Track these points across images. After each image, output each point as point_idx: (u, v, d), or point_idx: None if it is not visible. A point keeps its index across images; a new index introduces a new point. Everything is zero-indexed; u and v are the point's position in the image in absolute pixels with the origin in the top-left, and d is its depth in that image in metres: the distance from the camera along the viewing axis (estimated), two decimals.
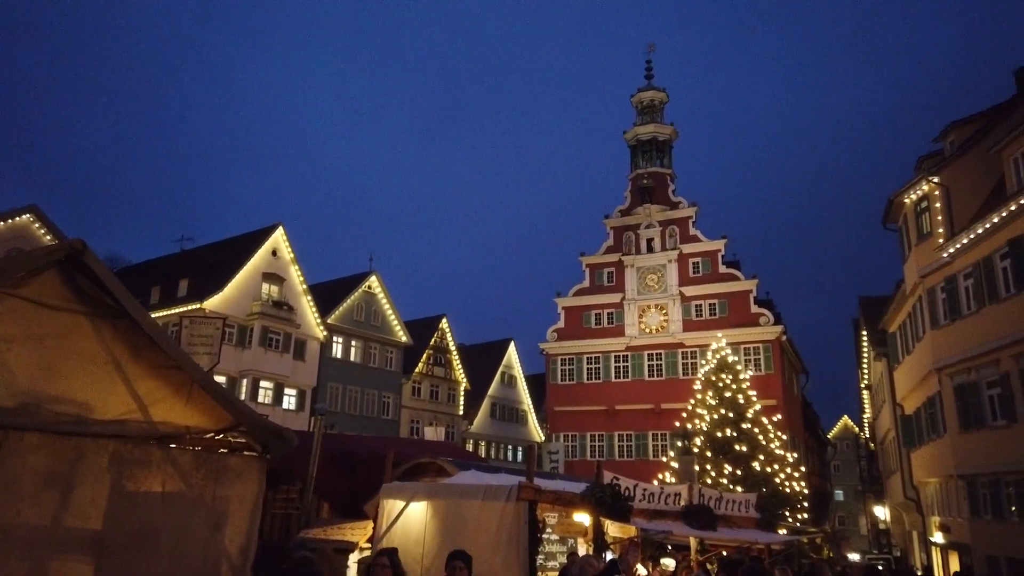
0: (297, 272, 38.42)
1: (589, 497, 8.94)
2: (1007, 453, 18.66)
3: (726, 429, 24.67)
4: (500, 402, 51.49)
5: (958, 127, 24.13)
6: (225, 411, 4.29)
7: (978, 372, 20.13)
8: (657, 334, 37.95)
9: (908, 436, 27.08)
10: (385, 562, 4.86)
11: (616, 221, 40.95)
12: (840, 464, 71.93)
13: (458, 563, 5.09)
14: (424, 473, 10.81)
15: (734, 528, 11.35)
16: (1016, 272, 18.36)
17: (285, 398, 36.87)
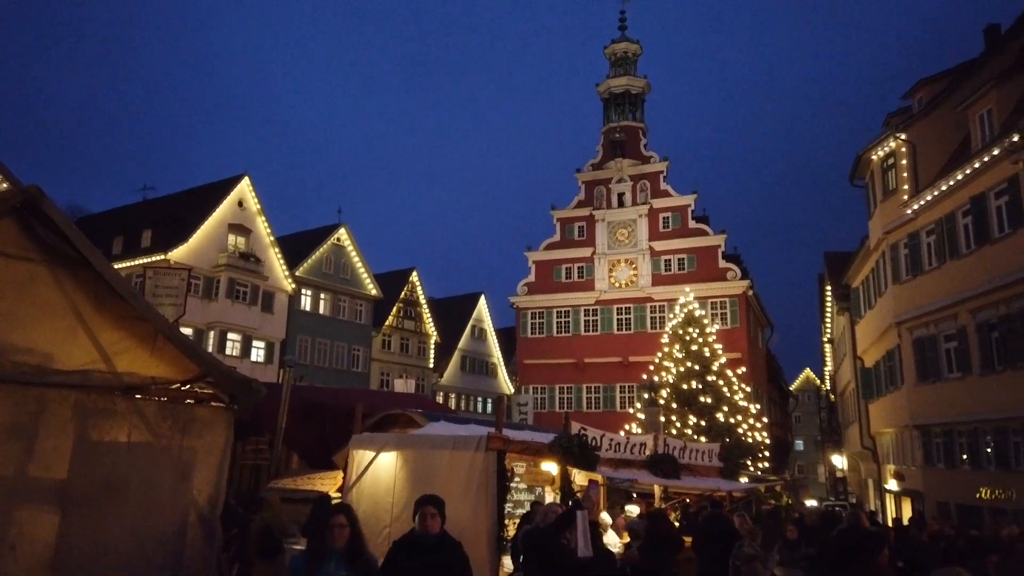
0: (264, 223, 37.84)
1: (557, 447, 9.10)
2: (961, 404, 19.33)
3: (692, 381, 25.12)
4: (470, 355, 51.78)
5: (927, 84, 24.29)
6: (191, 362, 4.26)
7: (937, 326, 20.68)
8: (627, 288, 38.24)
9: (867, 388, 27.89)
10: (343, 521, 4.30)
11: (587, 175, 40.83)
12: (801, 415, 73.93)
13: (429, 509, 4.60)
14: (394, 425, 10.88)
15: (697, 476, 11.67)
16: (977, 229, 18.75)
17: (253, 350, 36.66)
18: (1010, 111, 18.46)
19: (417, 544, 4.46)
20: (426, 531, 4.48)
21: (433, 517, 4.50)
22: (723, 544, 9.05)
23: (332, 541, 4.21)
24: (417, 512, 4.59)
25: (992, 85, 19.13)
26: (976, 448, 18.90)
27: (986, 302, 18.44)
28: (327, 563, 4.18)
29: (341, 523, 4.30)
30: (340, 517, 4.34)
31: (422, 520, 4.51)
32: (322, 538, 4.27)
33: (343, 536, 4.26)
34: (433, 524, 4.49)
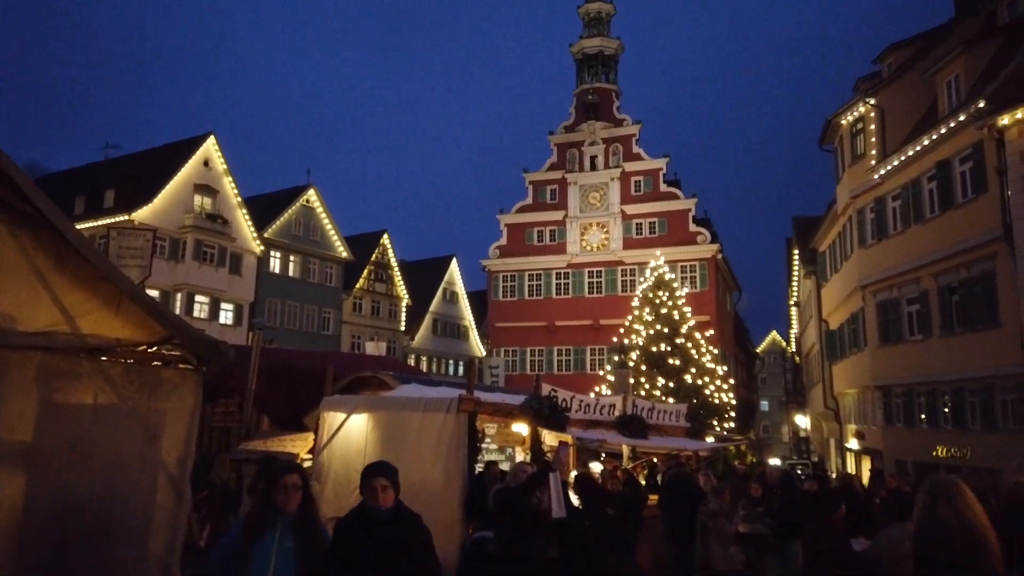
0: (231, 184, 37.15)
1: (528, 408, 9.19)
2: (921, 366, 19.86)
3: (661, 344, 25.46)
4: (442, 318, 51.79)
5: (896, 49, 24.42)
6: (157, 324, 4.20)
7: (900, 289, 21.12)
8: (598, 252, 38.39)
9: (831, 350, 28.50)
10: (298, 481, 3.60)
11: (560, 137, 40.61)
12: (767, 376, 75.49)
13: (379, 481, 3.75)
14: (365, 387, 10.89)
15: (665, 436, 11.87)
16: (942, 194, 19.07)
17: (222, 313, 36.28)
18: (977, 77, 18.66)
19: (368, 520, 3.71)
20: (377, 506, 3.70)
21: (385, 490, 3.70)
22: (688, 502, 9.27)
23: (281, 505, 3.56)
24: (365, 484, 3.77)
25: (960, 51, 19.29)
26: (934, 408, 19.48)
27: (948, 266, 18.84)
28: (271, 531, 3.53)
29: (294, 483, 3.59)
30: (293, 476, 3.62)
31: (372, 494, 3.72)
32: (268, 501, 3.59)
33: (295, 499, 3.58)
34: (385, 498, 3.70)
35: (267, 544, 3.49)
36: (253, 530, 3.54)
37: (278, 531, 3.54)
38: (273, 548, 3.50)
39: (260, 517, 3.60)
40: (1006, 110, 16.12)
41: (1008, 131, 16.33)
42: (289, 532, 3.56)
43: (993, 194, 16.97)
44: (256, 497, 3.90)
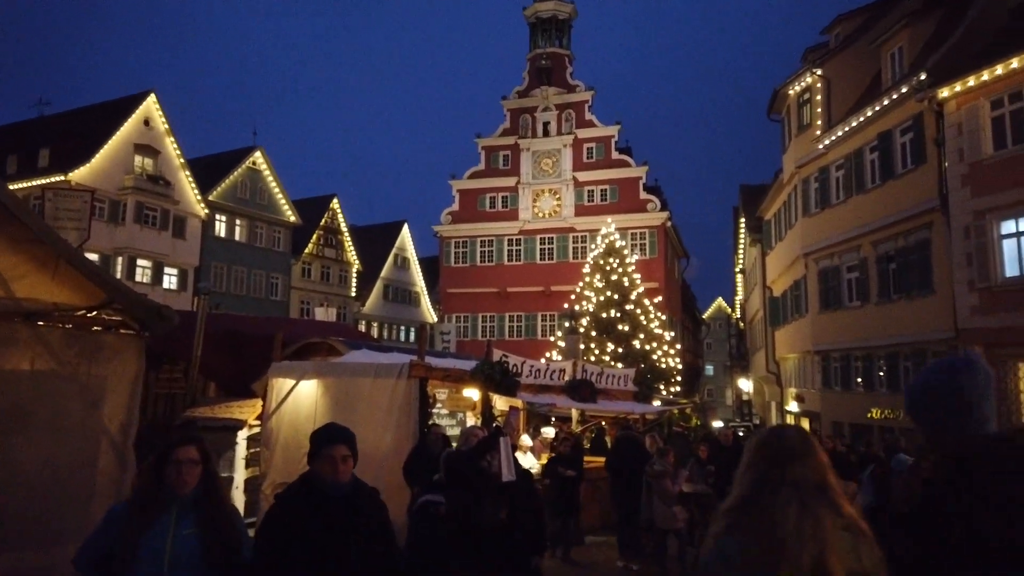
0: (173, 144, 35.96)
1: (479, 374, 9.27)
2: (859, 331, 20.56)
3: (611, 310, 25.80)
4: (393, 284, 51.44)
5: (844, 20, 24.77)
6: (96, 288, 4.09)
7: (840, 257, 21.74)
8: (550, 218, 38.47)
9: (774, 316, 29.29)
10: (195, 456, 2.98)
11: (513, 102, 40.30)
12: (712, 342, 77.30)
13: (341, 450, 3.10)
14: (314, 353, 10.81)
15: (613, 400, 12.11)
16: (883, 164, 19.58)
17: (165, 277, 35.36)
18: (920, 49, 19.10)
19: (318, 497, 3.03)
20: (337, 479, 3.05)
21: (345, 460, 3.08)
22: (636, 464, 9.51)
23: (174, 484, 2.93)
24: (319, 453, 3.08)
25: (904, 23, 19.68)
26: (870, 371, 20.24)
27: (886, 235, 19.45)
28: (165, 515, 2.92)
29: (190, 458, 2.96)
30: (189, 450, 2.98)
31: (331, 464, 3.05)
32: (159, 480, 2.97)
33: (192, 477, 2.95)
34: (345, 469, 3.08)
35: (159, 532, 2.88)
36: (139, 516, 2.91)
37: (173, 515, 2.92)
38: (168, 536, 2.88)
39: (147, 499, 2.96)
40: (945, 82, 16.57)
41: (947, 103, 16.81)
42: (189, 516, 2.94)
43: (931, 165, 17.51)
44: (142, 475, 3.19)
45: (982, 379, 2.03)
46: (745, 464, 2.16)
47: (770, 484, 2.01)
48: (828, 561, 1.86)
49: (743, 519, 2.00)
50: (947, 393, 2.04)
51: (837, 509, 1.96)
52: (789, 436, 2.13)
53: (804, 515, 1.92)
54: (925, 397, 2.11)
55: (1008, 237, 15.64)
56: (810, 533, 1.89)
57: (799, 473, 2.01)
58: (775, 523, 1.92)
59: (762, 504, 1.99)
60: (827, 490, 2.00)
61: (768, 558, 1.89)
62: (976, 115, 16.21)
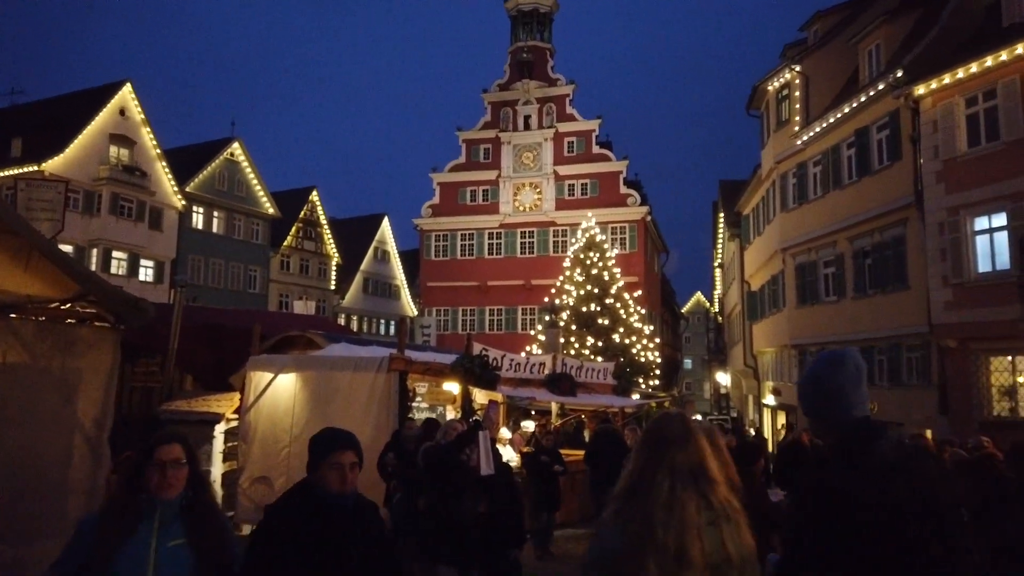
0: (149, 135, 35.47)
1: (459, 367, 9.27)
2: (835, 325, 20.81)
3: (591, 304, 25.88)
4: (373, 277, 51.20)
5: (823, 17, 24.95)
6: (71, 280, 4.03)
7: (817, 252, 21.97)
8: (531, 212, 38.47)
9: (752, 310, 29.55)
10: (180, 455, 2.59)
11: (494, 96, 40.20)
12: (691, 336, 77.86)
13: (349, 456, 2.70)
14: (293, 346, 10.76)
15: (592, 394, 12.17)
16: (860, 160, 19.79)
17: (142, 270, 34.93)
18: (897, 47, 19.31)
19: (322, 509, 2.64)
20: (343, 491, 2.66)
21: (353, 469, 2.69)
22: (615, 457, 9.56)
23: (156, 488, 2.53)
24: (323, 459, 2.68)
25: (881, 21, 19.88)
26: None
27: (863, 230, 19.67)
28: (145, 524, 2.53)
29: (175, 458, 2.57)
30: (173, 448, 2.59)
31: (338, 473, 2.65)
32: (138, 484, 2.57)
33: (178, 479, 2.57)
34: (354, 478, 2.69)
35: (140, 544, 2.49)
36: (115, 526, 2.50)
37: (155, 524, 2.52)
38: (150, 549, 2.49)
39: (124, 507, 2.55)
40: (921, 80, 16.76)
41: (923, 101, 17.01)
42: (176, 525, 2.55)
43: (907, 162, 17.73)
44: (118, 479, 2.84)
45: (853, 371, 2.23)
46: (634, 451, 2.28)
47: (650, 470, 2.12)
48: (689, 545, 1.96)
49: (626, 505, 2.11)
50: (827, 382, 2.23)
51: (710, 494, 2.08)
52: (671, 424, 2.25)
53: (672, 499, 2.03)
54: (811, 386, 2.29)
55: (981, 233, 15.88)
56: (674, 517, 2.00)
57: (677, 459, 2.11)
58: (647, 507, 2.04)
59: (641, 489, 2.10)
60: (701, 476, 2.10)
61: (640, 542, 1.99)
62: (951, 113, 16.43)
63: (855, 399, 2.21)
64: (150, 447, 2.59)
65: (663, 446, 2.16)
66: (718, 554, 1.99)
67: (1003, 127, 15.32)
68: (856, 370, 2.24)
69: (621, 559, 2.02)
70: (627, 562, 2.00)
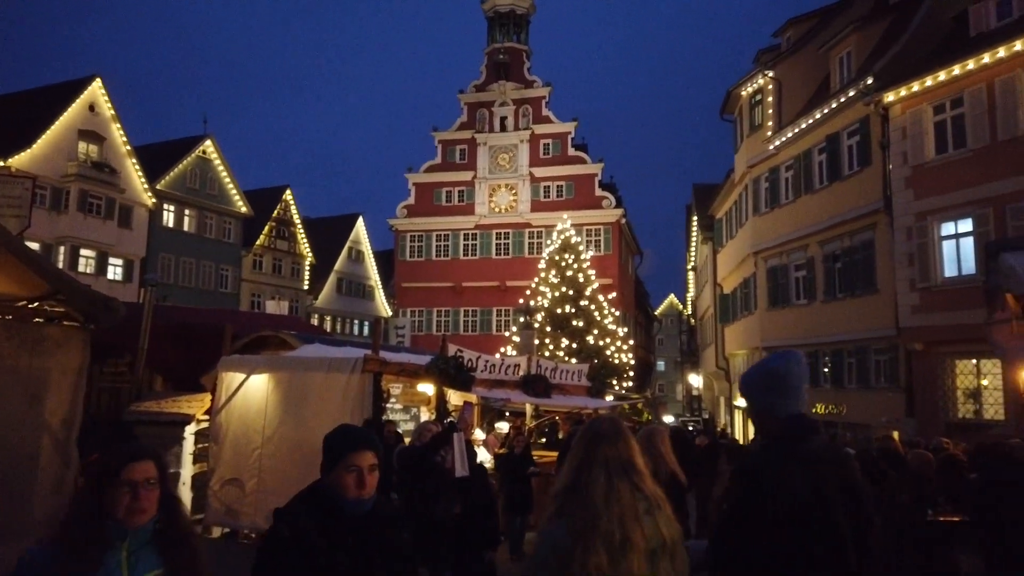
0: (119, 131, 34.90)
1: (433, 368, 9.24)
2: (805, 327, 21.09)
3: (565, 306, 25.94)
4: (347, 277, 50.87)
5: (795, 23, 25.30)
6: (39, 278, 3.95)
7: (789, 256, 22.25)
8: (506, 213, 38.48)
9: (724, 313, 29.85)
10: (153, 473, 2.18)
11: (470, 97, 40.17)
12: (663, 338, 78.42)
13: (368, 457, 2.37)
14: (265, 347, 10.65)
15: (567, 395, 12.20)
16: (831, 166, 20.10)
17: (110, 268, 34.34)
18: (867, 55, 19.63)
19: (338, 517, 2.33)
20: (362, 495, 2.34)
21: (372, 471, 2.38)
22: None
23: (127, 513, 2.11)
24: (337, 460, 2.37)
25: (852, 29, 20.21)
26: (815, 368, 20.78)
27: (833, 235, 19.97)
28: (111, 555, 2.10)
29: (149, 478, 2.16)
30: (148, 466, 2.18)
31: (357, 476, 2.34)
32: (101, 507, 2.12)
33: (151, 502, 2.16)
34: (373, 481, 2.38)
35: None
36: (74, 559, 2.04)
37: (123, 555, 2.13)
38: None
39: (84, 535, 2.08)
40: (891, 87, 17.07)
41: (892, 108, 17.32)
42: (148, 554, 2.16)
43: (876, 167, 18.04)
44: (79, 500, 2.27)
45: (801, 370, 2.45)
46: (571, 450, 2.45)
47: (586, 465, 2.30)
48: (630, 530, 2.15)
49: (568, 501, 2.26)
50: (781, 378, 2.41)
51: (640, 486, 2.27)
52: (603, 424, 2.44)
53: (610, 490, 2.22)
54: (765, 380, 2.45)
55: (948, 239, 16.21)
56: (615, 506, 2.19)
57: (609, 454, 2.30)
58: (589, 499, 2.20)
59: (580, 484, 2.27)
60: (631, 469, 2.30)
61: (586, 532, 2.15)
62: (919, 120, 16.75)
63: (800, 396, 2.40)
64: (116, 464, 2.15)
65: (596, 443, 2.33)
66: (656, 538, 2.18)
67: (970, 135, 15.66)
68: (804, 370, 2.45)
69: (570, 551, 2.15)
70: (576, 553, 2.13)
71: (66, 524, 2.13)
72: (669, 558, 2.21)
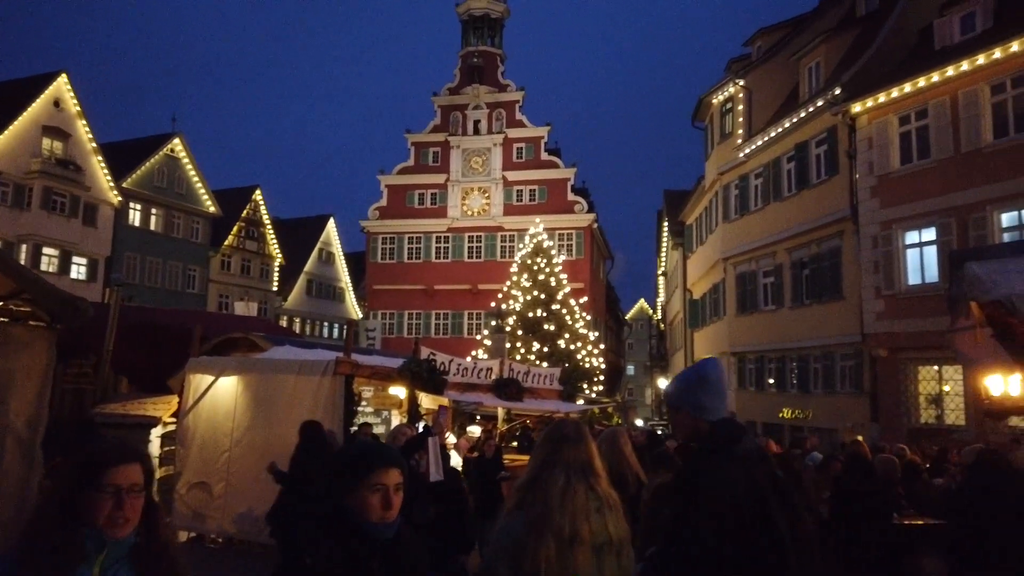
0: (85, 128, 34.24)
1: (406, 371, 9.20)
2: (773, 334, 21.38)
3: (537, 310, 25.99)
4: (317, 279, 50.43)
5: (765, 33, 25.67)
6: (4, 276, 3.86)
7: (757, 262, 22.55)
8: (479, 217, 38.47)
9: (694, 318, 30.14)
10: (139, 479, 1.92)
11: (444, 99, 40.11)
12: (633, 342, 78.98)
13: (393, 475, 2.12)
14: (235, 348, 10.52)
15: (538, 399, 12.22)
16: (799, 174, 20.41)
17: (74, 267, 33.65)
18: (836, 65, 19.99)
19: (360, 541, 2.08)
20: (386, 518, 2.11)
21: (399, 491, 2.14)
22: None
23: (107, 523, 1.85)
24: (367, 480, 2.10)
25: (821, 39, 20.57)
26: (782, 373, 21.08)
27: (801, 242, 20.28)
28: (85, 565, 1.83)
29: (133, 483, 1.89)
30: (134, 470, 1.91)
31: (382, 497, 2.10)
32: (76, 515, 1.85)
33: (135, 512, 1.89)
34: (398, 502, 2.14)
35: None
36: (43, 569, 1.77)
37: (96, 569, 1.85)
38: None
39: (55, 548, 1.80)
40: (858, 98, 17.40)
41: (859, 118, 17.66)
42: (123, 568, 1.89)
43: (843, 176, 18.36)
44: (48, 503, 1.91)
45: (722, 376, 2.61)
46: (536, 449, 2.61)
47: (549, 464, 2.44)
48: (580, 527, 2.29)
49: (527, 495, 2.40)
50: (705, 383, 2.55)
51: (595, 486, 2.42)
52: (567, 427, 2.60)
53: (567, 488, 2.37)
54: (690, 386, 2.58)
55: (912, 247, 16.55)
56: (568, 503, 2.33)
57: (571, 455, 2.45)
58: (546, 496, 2.35)
59: (540, 481, 2.41)
60: (589, 471, 2.45)
61: (540, 525, 2.30)
62: (885, 130, 17.09)
63: (725, 401, 2.56)
64: (97, 465, 1.86)
65: (560, 444, 2.48)
66: (602, 535, 2.33)
67: (933, 146, 16.01)
68: (725, 376, 2.62)
69: (525, 542, 2.29)
70: (529, 544, 2.28)
71: (32, 530, 1.85)
72: (615, 555, 2.35)
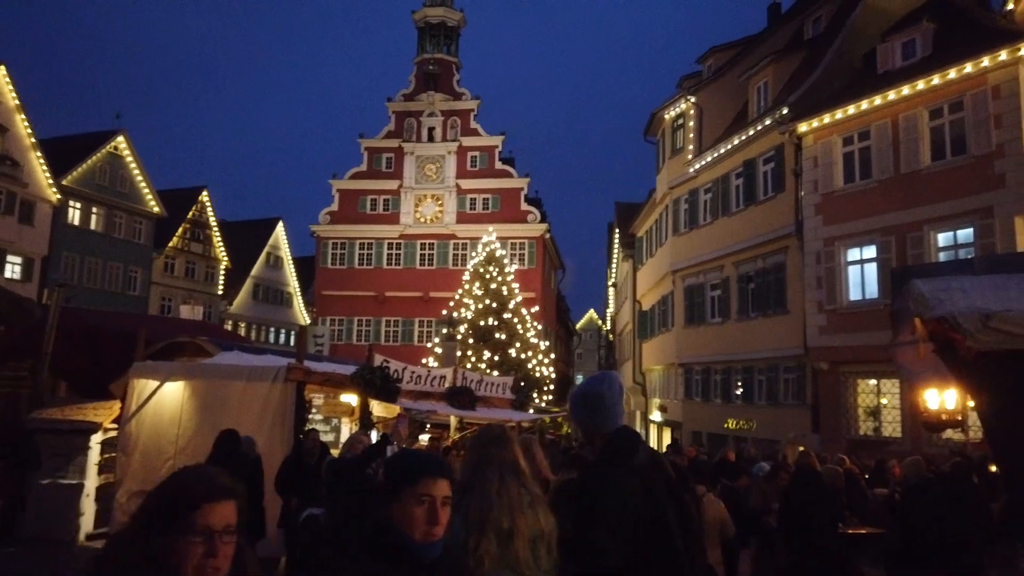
0: (24, 122, 32.98)
1: (359, 379, 9.10)
2: (719, 345, 21.81)
3: (489, 318, 26.02)
4: (264, 283, 49.49)
5: (717, 52, 26.29)
6: None
7: (705, 275, 22.99)
8: (431, 224, 38.33)
9: (642, 329, 30.55)
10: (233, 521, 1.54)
11: (399, 105, 39.92)
12: (583, 352, 79.61)
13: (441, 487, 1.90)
14: (180, 353, 10.26)
15: (491, 408, 12.23)
16: (747, 190, 20.92)
17: (8, 266, 32.32)
18: (783, 85, 20.58)
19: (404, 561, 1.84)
20: (431, 536, 1.88)
21: (445, 505, 1.92)
22: None
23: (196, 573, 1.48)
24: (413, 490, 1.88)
25: (769, 60, 21.17)
26: (728, 384, 21.51)
27: (747, 256, 20.77)
28: None
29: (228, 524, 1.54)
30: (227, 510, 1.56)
31: (429, 512, 1.88)
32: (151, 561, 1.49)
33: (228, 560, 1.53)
34: (445, 519, 1.91)
35: None
36: None
37: None
38: None
39: None
40: (804, 118, 17.95)
41: (805, 137, 18.21)
42: None
43: (789, 193, 18.89)
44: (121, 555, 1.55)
45: (617, 389, 2.77)
46: (467, 453, 2.78)
47: (481, 466, 2.59)
48: (517, 520, 2.44)
49: (464, 498, 2.49)
50: (599, 397, 2.72)
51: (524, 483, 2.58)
52: (493, 431, 2.77)
53: (502, 486, 2.51)
54: (586, 400, 2.76)
55: (853, 264, 17.11)
56: (504, 499, 2.48)
57: (501, 455, 2.61)
58: (483, 494, 2.49)
59: (476, 482, 2.54)
60: (518, 470, 2.61)
61: (480, 522, 2.42)
62: (830, 150, 17.66)
63: (619, 411, 2.73)
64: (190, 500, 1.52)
65: (489, 447, 2.64)
66: (536, 528, 2.47)
67: (875, 166, 16.61)
68: (620, 388, 2.78)
69: (465, 541, 2.39)
70: (470, 542, 2.39)
71: None
72: (546, 545, 2.49)
